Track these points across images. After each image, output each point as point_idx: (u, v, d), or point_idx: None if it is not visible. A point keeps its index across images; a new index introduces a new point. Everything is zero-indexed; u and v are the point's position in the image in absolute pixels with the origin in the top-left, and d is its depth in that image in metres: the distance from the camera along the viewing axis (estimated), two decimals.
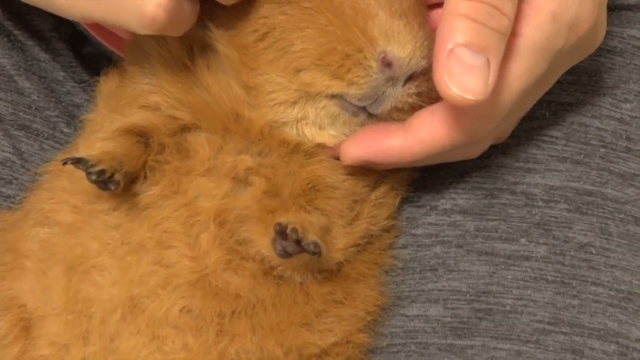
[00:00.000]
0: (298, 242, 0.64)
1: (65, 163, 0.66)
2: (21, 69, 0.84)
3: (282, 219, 0.65)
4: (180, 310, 0.67)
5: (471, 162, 0.72)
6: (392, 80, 0.65)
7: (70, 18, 0.69)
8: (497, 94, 0.63)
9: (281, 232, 0.64)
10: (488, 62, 0.60)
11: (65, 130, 0.84)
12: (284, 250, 0.65)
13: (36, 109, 0.83)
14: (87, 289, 0.68)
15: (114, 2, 0.63)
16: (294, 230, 0.64)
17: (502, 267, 0.71)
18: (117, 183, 0.66)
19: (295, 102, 0.67)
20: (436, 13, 0.70)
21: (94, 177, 0.65)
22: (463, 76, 0.59)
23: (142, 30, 0.64)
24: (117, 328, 0.67)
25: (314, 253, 0.64)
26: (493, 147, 0.72)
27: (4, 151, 0.80)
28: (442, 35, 0.61)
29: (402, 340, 0.71)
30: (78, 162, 0.66)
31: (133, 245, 0.68)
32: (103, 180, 0.66)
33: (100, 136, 0.69)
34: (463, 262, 0.71)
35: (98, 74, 0.77)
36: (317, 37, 0.65)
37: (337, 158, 0.69)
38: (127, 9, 0.63)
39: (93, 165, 0.65)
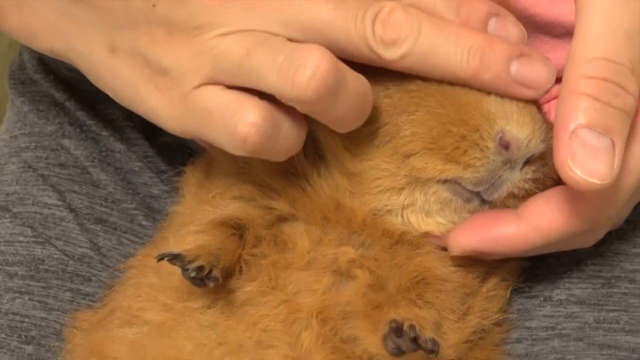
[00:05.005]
0: (414, 339, 0.60)
1: (160, 259, 0.63)
2: (96, 160, 0.82)
3: (395, 314, 0.61)
4: None
5: (585, 249, 0.69)
6: (509, 163, 0.62)
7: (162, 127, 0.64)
8: (620, 177, 0.60)
9: (397, 329, 0.60)
10: (613, 144, 0.57)
11: (144, 223, 0.81)
12: (397, 348, 0.61)
13: (112, 201, 0.80)
14: None
15: (203, 115, 0.59)
16: (412, 327, 0.60)
17: None
18: (216, 279, 0.63)
19: (402, 189, 0.64)
20: None
21: (192, 274, 0.62)
22: (587, 159, 0.56)
23: (233, 151, 0.59)
24: None
25: (431, 351, 0.60)
26: (607, 234, 0.69)
27: (81, 247, 0.77)
28: (563, 115, 0.58)
29: None
30: (174, 258, 0.62)
31: (231, 346, 0.64)
32: (201, 277, 0.62)
33: (193, 229, 0.66)
34: (584, 356, 0.68)
35: (175, 164, 0.75)
36: (428, 120, 0.62)
37: (443, 248, 0.66)
38: (217, 124, 0.59)
39: (190, 262, 0.62)
